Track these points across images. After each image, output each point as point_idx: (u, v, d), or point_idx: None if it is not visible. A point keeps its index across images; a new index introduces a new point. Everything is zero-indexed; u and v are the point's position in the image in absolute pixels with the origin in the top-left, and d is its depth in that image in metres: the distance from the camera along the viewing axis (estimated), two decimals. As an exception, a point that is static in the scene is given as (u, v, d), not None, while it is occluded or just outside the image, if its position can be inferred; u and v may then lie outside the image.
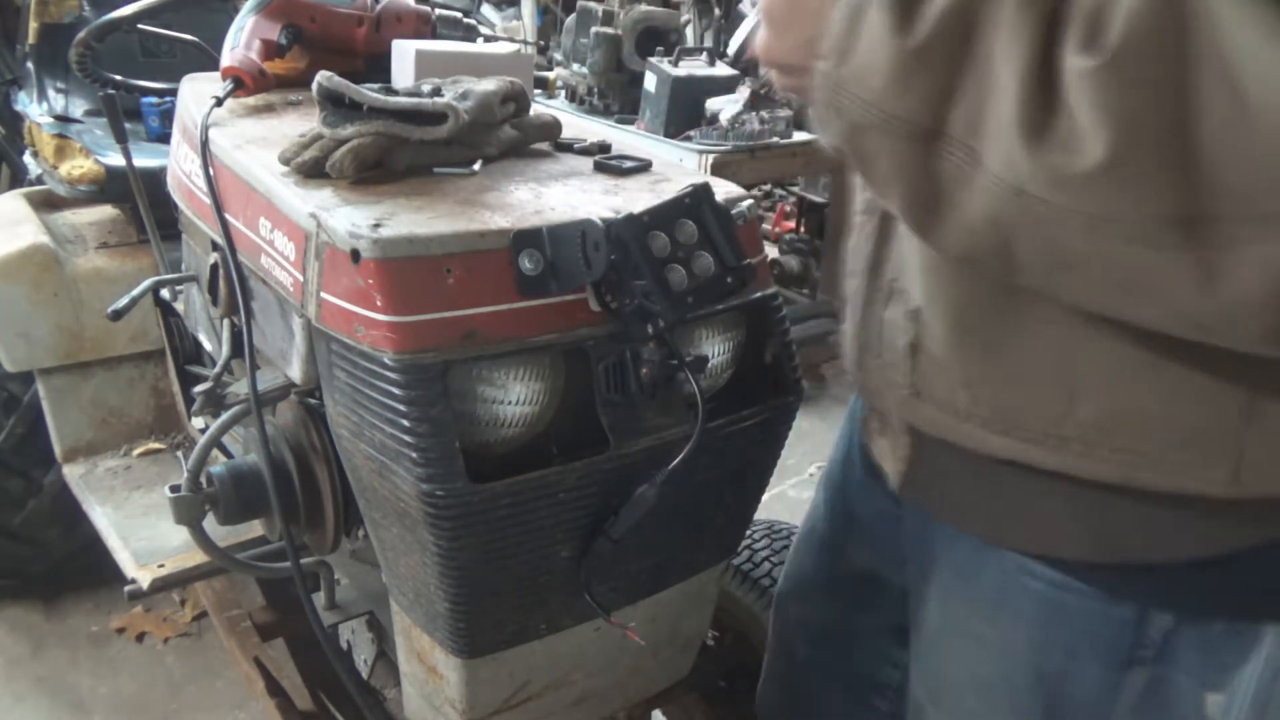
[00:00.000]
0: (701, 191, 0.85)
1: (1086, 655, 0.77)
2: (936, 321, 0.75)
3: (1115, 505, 0.70)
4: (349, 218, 0.85)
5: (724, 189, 1.00)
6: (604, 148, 1.15)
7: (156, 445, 1.96)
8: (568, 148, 1.15)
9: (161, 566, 1.54)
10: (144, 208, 1.49)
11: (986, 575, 0.81)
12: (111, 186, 1.83)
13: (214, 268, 1.15)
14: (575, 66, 3.28)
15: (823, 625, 1.19)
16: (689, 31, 3.72)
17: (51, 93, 2.15)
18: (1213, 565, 0.71)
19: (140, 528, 1.68)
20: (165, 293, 1.44)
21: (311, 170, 0.95)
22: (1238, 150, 0.47)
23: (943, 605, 0.88)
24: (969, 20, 0.54)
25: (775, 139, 3.04)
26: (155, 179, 1.44)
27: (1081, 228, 0.52)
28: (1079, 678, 0.79)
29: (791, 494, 2.93)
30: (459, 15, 1.55)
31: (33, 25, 2.14)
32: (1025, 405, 0.71)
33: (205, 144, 1.09)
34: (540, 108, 1.17)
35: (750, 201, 0.97)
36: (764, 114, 2.99)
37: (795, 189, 4.41)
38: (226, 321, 1.18)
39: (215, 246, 1.14)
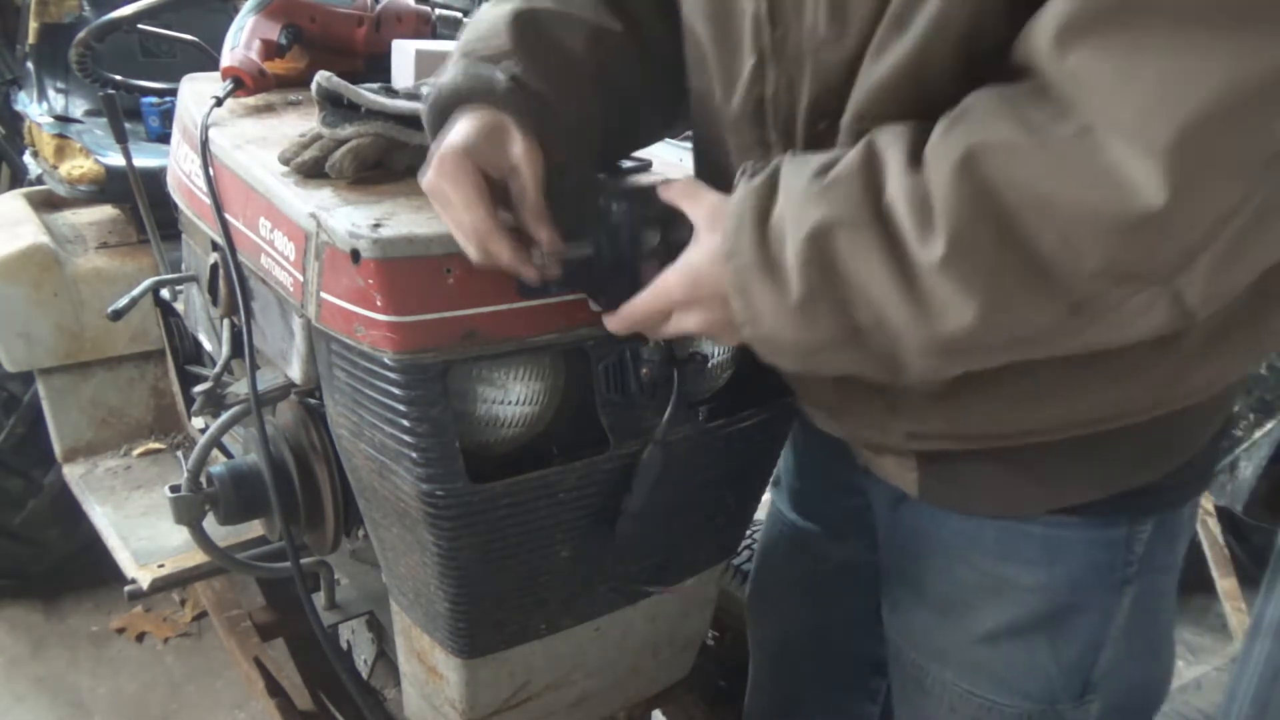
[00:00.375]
0: None
1: (1088, 584, 0.86)
2: None
3: (1098, 449, 0.79)
4: (349, 218, 0.85)
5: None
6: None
7: (156, 445, 1.96)
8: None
9: (161, 566, 1.54)
10: (144, 208, 1.49)
11: (987, 534, 0.88)
12: (111, 186, 1.83)
13: (214, 268, 1.15)
14: (575, 66, 3.27)
15: (811, 622, 1.22)
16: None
17: (51, 93, 2.15)
18: (1179, 469, 0.83)
19: (140, 528, 1.67)
20: (165, 293, 1.44)
21: (311, 170, 0.95)
22: (1081, 248, 0.56)
23: (945, 574, 0.93)
24: (821, 253, 0.64)
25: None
26: (155, 179, 1.44)
27: (1002, 351, 0.66)
28: (1082, 609, 0.87)
29: (791, 494, 2.93)
30: (459, 15, 1.55)
31: (33, 25, 2.14)
32: (995, 413, 0.79)
33: (205, 144, 1.09)
34: (540, 108, 1.17)
35: None
36: (764, 114, 2.98)
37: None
38: (226, 321, 1.18)
39: (215, 246, 1.14)
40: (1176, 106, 0.51)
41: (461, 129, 0.77)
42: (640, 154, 1.12)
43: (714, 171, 0.85)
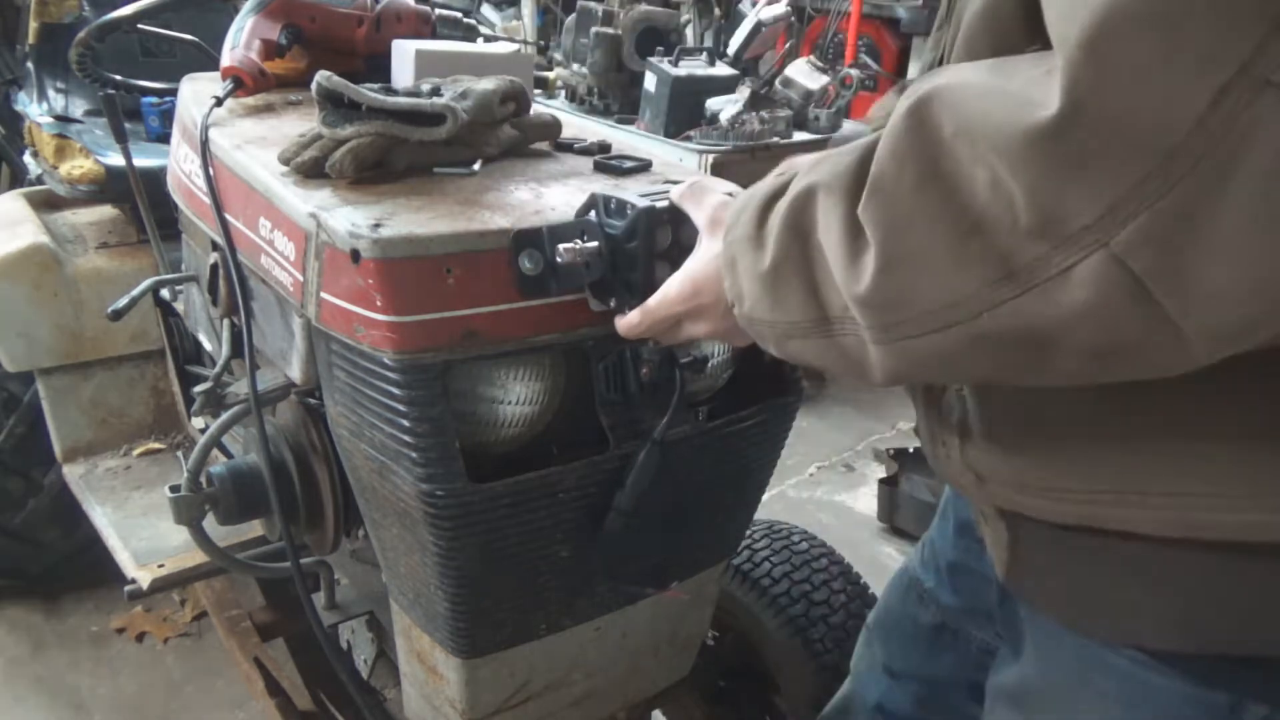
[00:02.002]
0: None
1: None
2: (973, 398, 0.73)
3: (1198, 582, 0.65)
4: (349, 218, 0.85)
5: (724, 189, 1.00)
6: (604, 147, 1.15)
7: (156, 445, 1.96)
8: (568, 148, 1.15)
9: (161, 566, 1.54)
10: (144, 208, 1.49)
11: (1068, 649, 0.75)
12: (111, 186, 1.83)
13: (214, 268, 1.15)
14: (575, 66, 3.28)
15: (900, 666, 1.13)
16: (689, 31, 3.71)
17: (51, 93, 2.15)
18: None
19: (140, 528, 1.68)
20: (165, 293, 1.44)
21: (311, 170, 0.95)
22: (1007, 190, 0.49)
23: (1022, 668, 0.83)
24: (797, 220, 0.61)
25: (775, 139, 3.04)
26: (155, 179, 1.44)
27: (938, 329, 0.55)
28: None
29: (791, 494, 2.93)
30: (459, 15, 1.55)
31: (33, 25, 2.14)
32: (1066, 463, 0.68)
33: (205, 144, 1.09)
34: (540, 107, 1.17)
35: None
36: (764, 114, 2.99)
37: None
38: (226, 321, 1.18)
39: (215, 246, 1.14)
40: (1089, 3, 0.44)
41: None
42: (640, 154, 1.13)
43: None
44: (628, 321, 0.82)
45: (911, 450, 2.81)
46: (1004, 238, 0.50)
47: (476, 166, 1.02)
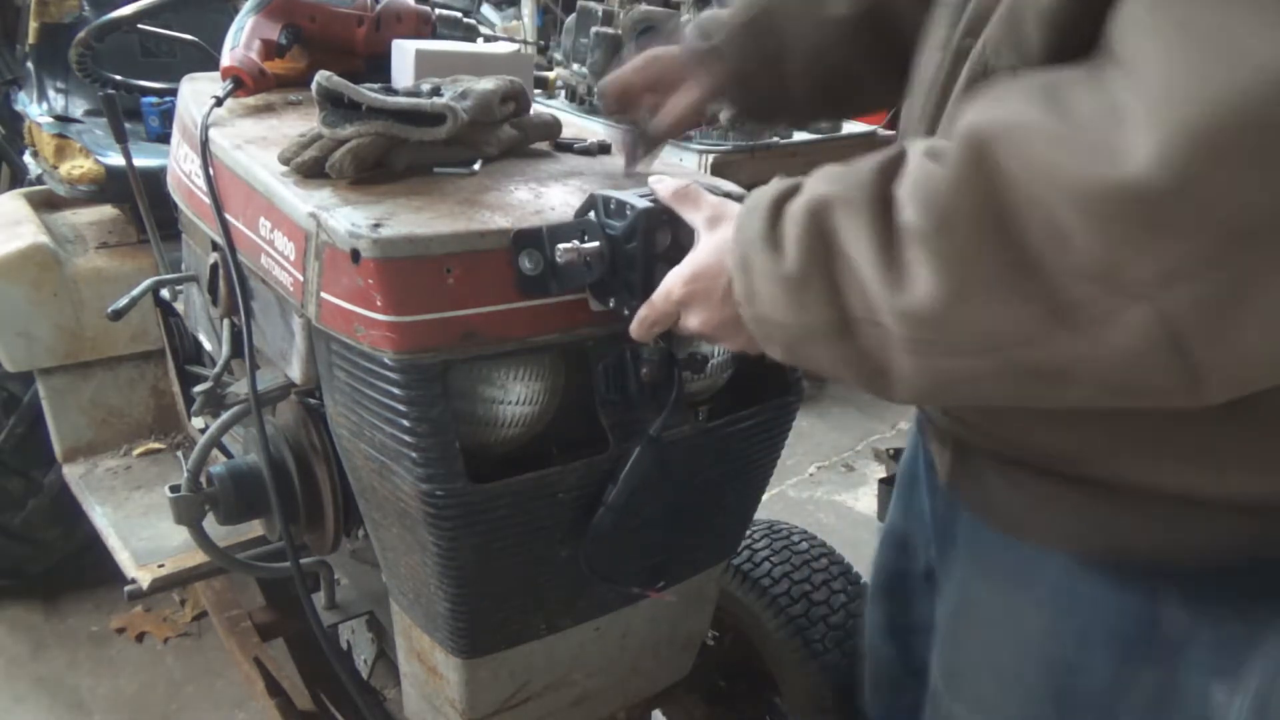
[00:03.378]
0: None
1: (1097, 645, 0.78)
2: None
3: (1121, 507, 0.72)
4: (349, 218, 0.85)
5: (723, 189, 1.00)
6: (604, 148, 1.15)
7: (156, 445, 1.96)
8: (567, 148, 1.15)
9: (161, 566, 1.54)
10: (144, 208, 1.49)
11: (1006, 558, 0.83)
12: (111, 186, 1.83)
13: (214, 268, 1.15)
14: (575, 66, 3.28)
15: (892, 621, 1.17)
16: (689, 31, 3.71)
17: (51, 93, 2.15)
18: (1223, 570, 0.72)
19: (140, 528, 1.67)
20: (165, 293, 1.44)
21: (311, 170, 0.95)
22: (1068, 237, 0.52)
23: (962, 589, 0.90)
24: (819, 227, 0.63)
25: (775, 139, 3.04)
26: (155, 179, 1.44)
27: (976, 353, 0.59)
28: (1089, 669, 0.79)
29: (791, 494, 2.93)
30: (459, 15, 1.55)
31: (33, 25, 2.14)
32: (1025, 428, 0.74)
33: (205, 144, 1.09)
34: (540, 107, 1.17)
35: None
36: (764, 114, 2.98)
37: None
38: (226, 321, 1.18)
39: (215, 246, 1.14)
40: (1207, 81, 0.46)
41: (674, 47, 1.01)
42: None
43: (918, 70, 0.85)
44: (635, 321, 0.82)
45: (911, 449, 2.80)
46: (1057, 276, 0.53)
47: (476, 166, 1.02)
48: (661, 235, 0.82)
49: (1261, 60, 0.45)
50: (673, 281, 0.77)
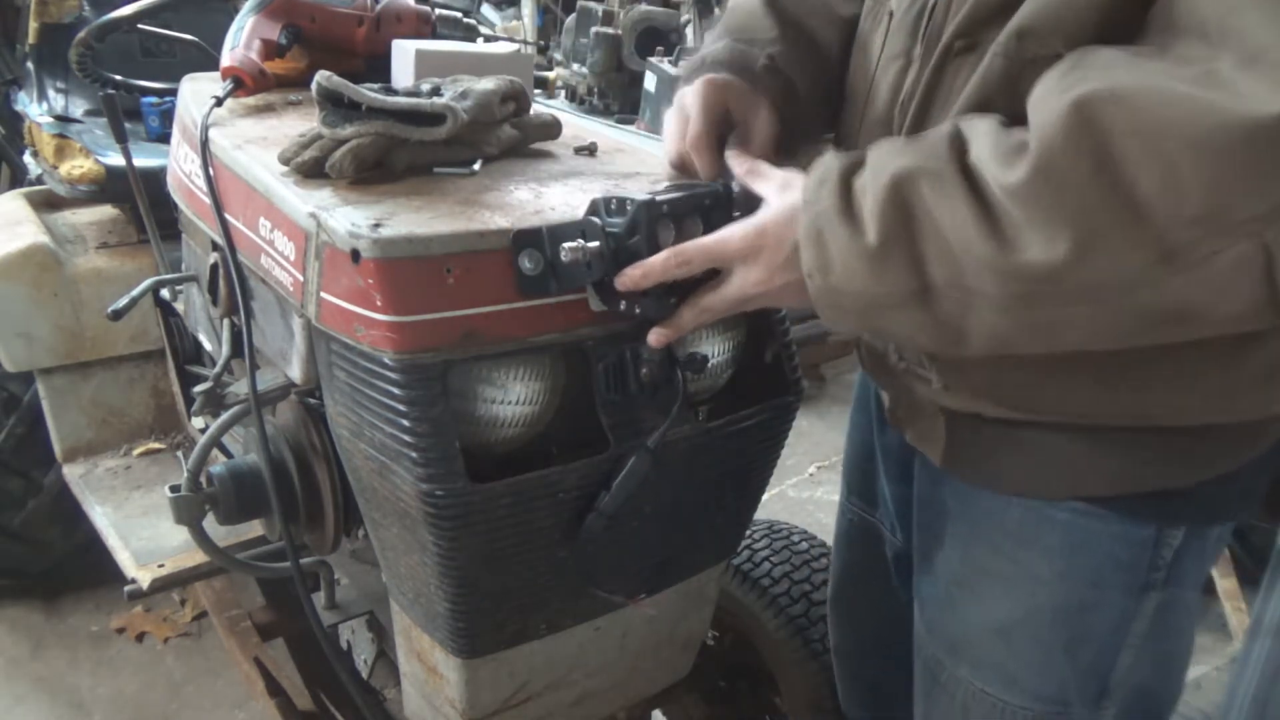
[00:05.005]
0: (723, 194, 0.85)
1: (1109, 581, 0.84)
2: None
3: (1132, 443, 0.78)
4: (349, 218, 0.85)
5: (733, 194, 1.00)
6: (592, 149, 1.15)
7: (156, 445, 1.95)
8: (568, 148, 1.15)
9: (161, 566, 1.54)
10: (144, 208, 1.49)
11: (1011, 515, 0.86)
12: (111, 186, 1.83)
13: (214, 268, 1.15)
14: (575, 66, 3.28)
15: (881, 614, 1.18)
16: (689, 31, 3.71)
17: (51, 93, 2.15)
18: (1218, 479, 0.80)
19: (140, 528, 1.67)
20: (165, 293, 1.44)
21: (311, 170, 0.95)
22: (1183, 185, 0.56)
23: (964, 553, 0.92)
24: (903, 199, 0.66)
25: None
26: (155, 179, 1.44)
27: (1079, 301, 0.63)
28: (1101, 607, 0.84)
29: (791, 494, 2.93)
30: (459, 15, 1.55)
31: (33, 25, 2.14)
32: (1035, 384, 0.78)
33: (205, 144, 1.09)
34: (540, 107, 1.17)
35: None
36: (764, 114, 2.98)
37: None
38: (226, 321, 1.18)
39: (215, 246, 1.14)
40: None
41: (723, 76, 0.89)
42: (640, 151, 1.13)
43: (856, 76, 0.90)
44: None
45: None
46: (1168, 222, 0.57)
47: (476, 166, 1.02)
48: (664, 231, 0.82)
49: None
50: (736, 236, 0.77)
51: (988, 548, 0.89)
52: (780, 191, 0.78)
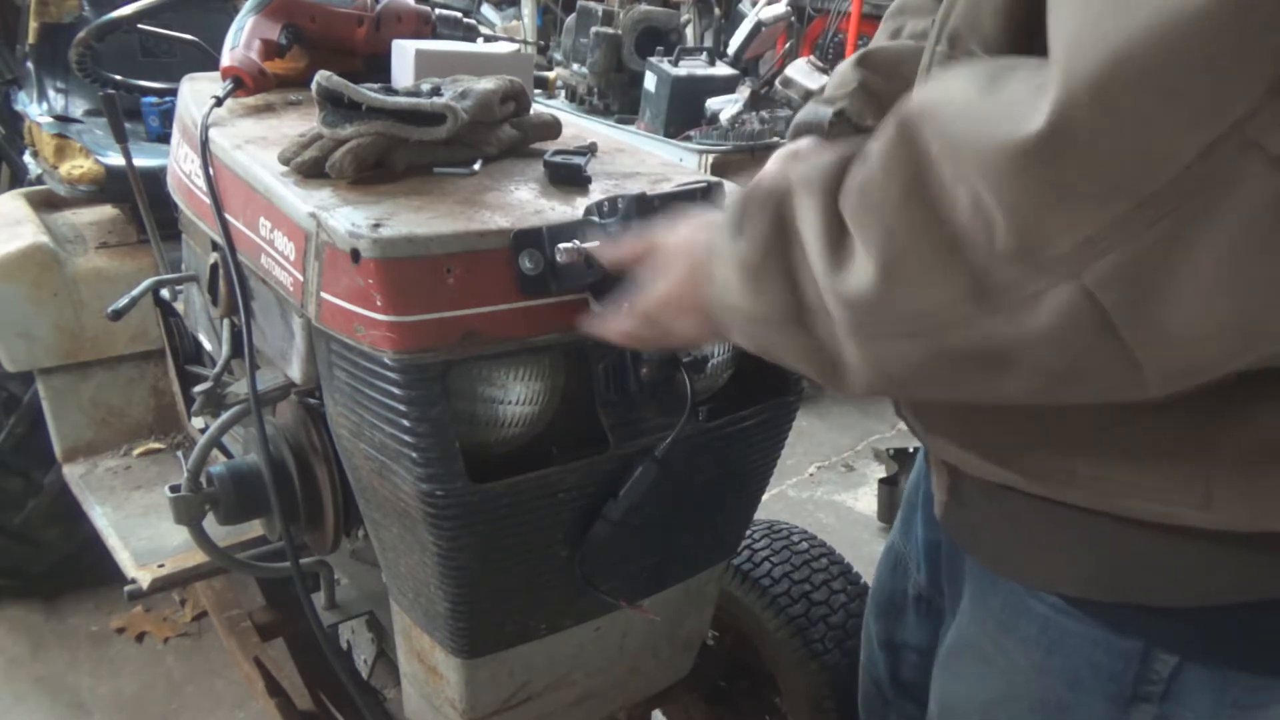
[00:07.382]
0: (715, 189, 0.85)
1: (1088, 687, 0.74)
2: None
3: (1110, 541, 0.69)
4: (349, 218, 0.85)
5: (724, 189, 1.00)
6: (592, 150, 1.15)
7: (156, 445, 1.95)
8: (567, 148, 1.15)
9: (161, 566, 1.54)
10: (144, 208, 1.49)
11: (996, 595, 0.80)
12: (111, 186, 1.83)
13: (214, 268, 1.15)
14: (575, 66, 3.28)
15: (887, 637, 1.16)
16: (689, 31, 3.71)
17: (51, 93, 2.15)
18: (1215, 611, 0.67)
19: (140, 528, 1.67)
20: (165, 293, 1.44)
21: (311, 170, 0.95)
22: (989, 223, 0.50)
23: (958, 624, 0.87)
24: (781, 214, 0.62)
25: (775, 139, 3.04)
26: (155, 179, 1.44)
27: (904, 336, 0.57)
28: (1080, 711, 0.75)
29: (791, 494, 2.93)
30: (459, 15, 1.54)
31: (33, 25, 2.14)
32: (1004, 437, 0.72)
33: (205, 144, 1.09)
34: (540, 107, 1.17)
35: None
36: (764, 114, 2.99)
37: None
38: (226, 321, 1.18)
39: (215, 246, 1.14)
40: (1101, 35, 0.44)
41: (802, 143, 0.84)
42: (640, 151, 1.13)
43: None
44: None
45: (911, 450, 2.81)
46: (981, 257, 0.51)
47: (476, 166, 1.02)
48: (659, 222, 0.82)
49: (1155, 4, 0.43)
50: (669, 232, 0.77)
51: (975, 622, 0.84)
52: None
